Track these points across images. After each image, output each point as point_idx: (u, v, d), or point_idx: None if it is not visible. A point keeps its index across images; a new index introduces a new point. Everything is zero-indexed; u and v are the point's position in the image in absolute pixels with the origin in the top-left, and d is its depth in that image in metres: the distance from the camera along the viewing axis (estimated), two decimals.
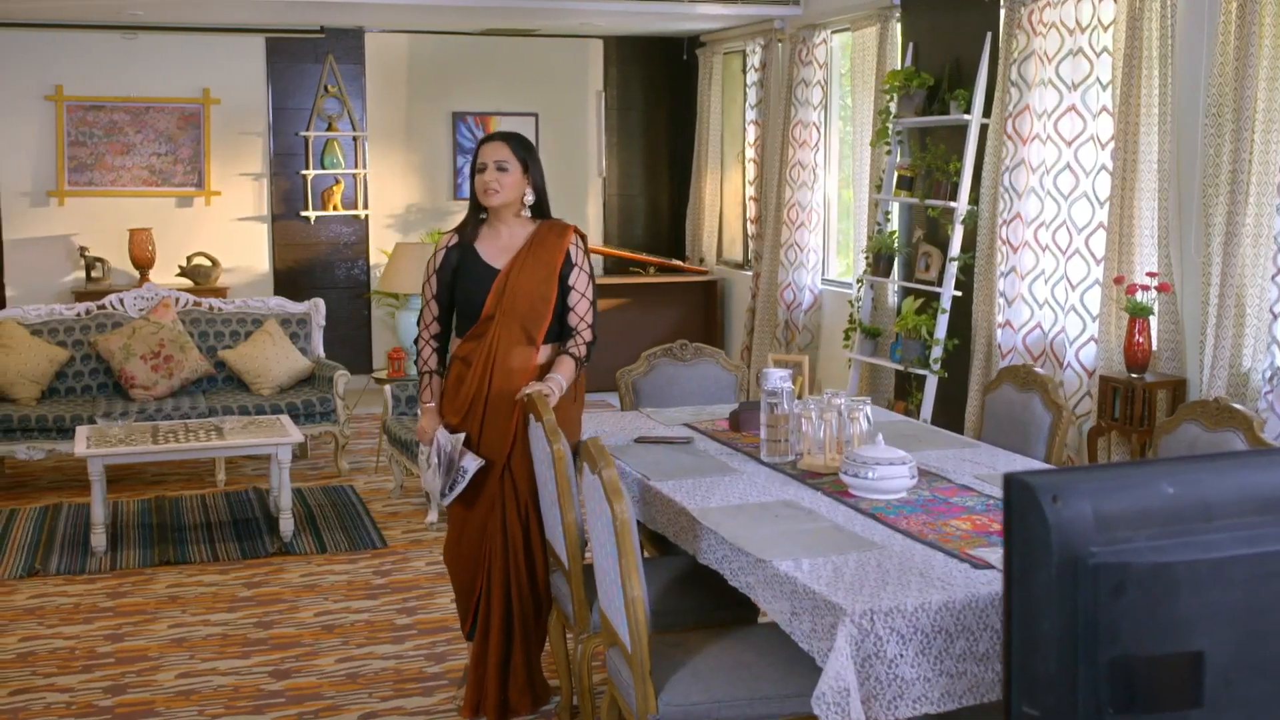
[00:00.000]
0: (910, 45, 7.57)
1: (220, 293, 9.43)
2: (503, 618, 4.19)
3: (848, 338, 7.85)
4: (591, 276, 4.30)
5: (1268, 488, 1.47)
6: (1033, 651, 1.44)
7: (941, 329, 7.05)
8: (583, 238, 4.32)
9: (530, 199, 4.23)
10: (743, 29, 9.57)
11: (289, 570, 5.96)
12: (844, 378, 8.11)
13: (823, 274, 8.94)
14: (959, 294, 7.02)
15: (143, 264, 9.42)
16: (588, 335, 4.25)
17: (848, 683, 2.77)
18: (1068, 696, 1.43)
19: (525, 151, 4.21)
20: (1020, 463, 4.11)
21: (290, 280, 9.92)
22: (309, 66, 9.90)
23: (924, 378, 7.16)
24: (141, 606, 5.49)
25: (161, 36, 9.57)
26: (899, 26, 7.69)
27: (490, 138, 4.21)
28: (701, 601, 3.95)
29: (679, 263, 10.34)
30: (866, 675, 2.79)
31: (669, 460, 4.15)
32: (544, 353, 4.22)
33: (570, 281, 4.23)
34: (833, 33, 8.61)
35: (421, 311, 4.34)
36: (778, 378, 4.08)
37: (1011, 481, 1.42)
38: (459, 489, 4.12)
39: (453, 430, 4.19)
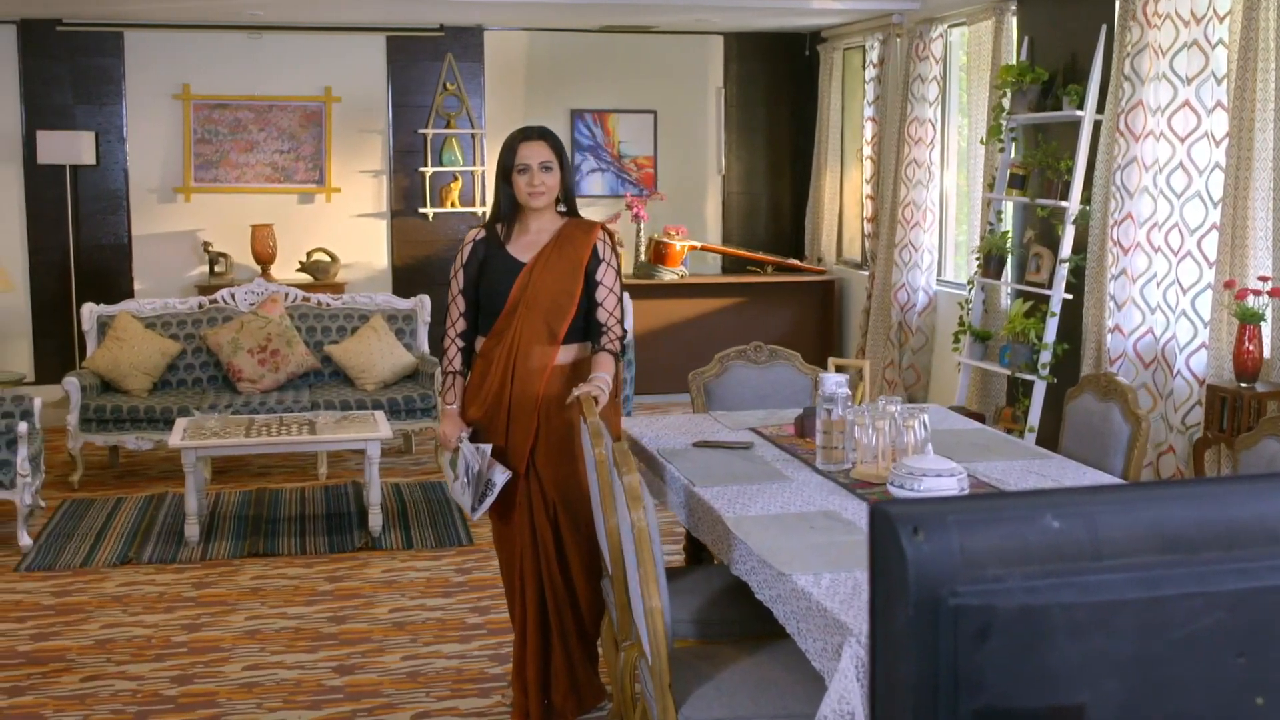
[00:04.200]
0: (1026, 39, 7.31)
1: (339, 288, 9.56)
2: (538, 618, 4.13)
3: (957, 341, 7.62)
4: (619, 273, 4.22)
5: (1170, 524, 1.33)
6: (892, 697, 1.32)
7: (1051, 333, 6.79)
8: (610, 235, 4.24)
9: (559, 194, 4.17)
10: (862, 24, 9.37)
11: (372, 565, 5.99)
12: (955, 382, 7.88)
13: (938, 274, 8.70)
14: (1069, 297, 6.75)
15: (264, 259, 9.59)
16: (618, 330, 4.16)
17: (853, 706, 2.63)
18: None
19: (562, 148, 4.14)
20: (1090, 476, 3.90)
21: (408, 276, 10.01)
22: (429, 64, 9.98)
23: (1031, 383, 6.90)
24: (223, 597, 5.57)
25: (284, 36, 9.74)
26: (1015, 20, 7.43)
27: (526, 136, 4.11)
28: (747, 612, 3.82)
29: (796, 262, 10.18)
30: None
31: (721, 466, 4.03)
32: (564, 351, 4.14)
33: (598, 277, 4.15)
34: (950, 27, 8.37)
35: (448, 309, 4.27)
36: (834, 383, 3.95)
37: (873, 511, 1.30)
38: (488, 502, 4.08)
39: (474, 429, 4.14)
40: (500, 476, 4.06)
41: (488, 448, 4.08)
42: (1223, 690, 1.29)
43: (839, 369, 4.41)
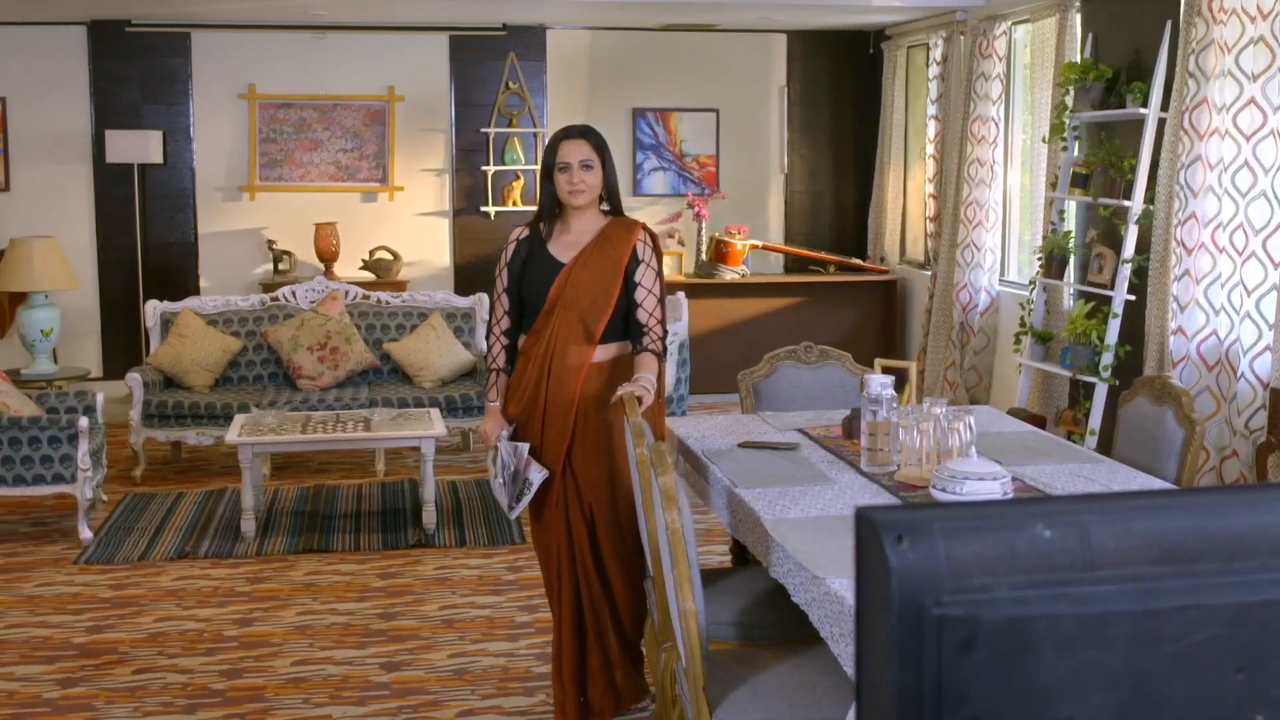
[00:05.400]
0: (1090, 36, 7.20)
1: (401, 286, 9.62)
2: (573, 617, 4.13)
3: (1018, 342, 7.52)
4: (660, 274, 4.20)
5: (1167, 534, 1.29)
6: (876, 708, 1.29)
7: (1112, 335, 6.68)
8: (652, 235, 4.22)
9: (601, 194, 4.16)
10: (926, 21, 9.28)
11: (425, 562, 6.02)
12: (1017, 383, 7.78)
13: (1000, 274, 8.60)
14: (1132, 298, 6.63)
15: (327, 257, 9.67)
16: (659, 331, 4.15)
17: None
18: None
19: (603, 147, 4.13)
20: (1140, 481, 3.83)
21: (470, 275, 10.05)
22: (491, 63, 10.01)
23: (1093, 385, 6.79)
24: (276, 592, 5.62)
25: (349, 36, 9.82)
26: (1079, 17, 7.32)
27: (568, 135, 4.12)
28: (788, 615, 3.79)
29: (859, 262, 10.11)
30: None
31: (765, 467, 4.00)
32: (601, 351, 4.13)
33: (637, 278, 4.14)
34: (1013, 24, 8.26)
35: (492, 307, 4.30)
36: (879, 384, 3.90)
37: (858, 517, 1.27)
38: (525, 501, 4.09)
39: (513, 427, 4.15)
40: (537, 476, 4.06)
41: (524, 446, 4.08)
42: (1220, 706, 1.25)
43: (886, 370, 4.36)
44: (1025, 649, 1.21)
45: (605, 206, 4.21)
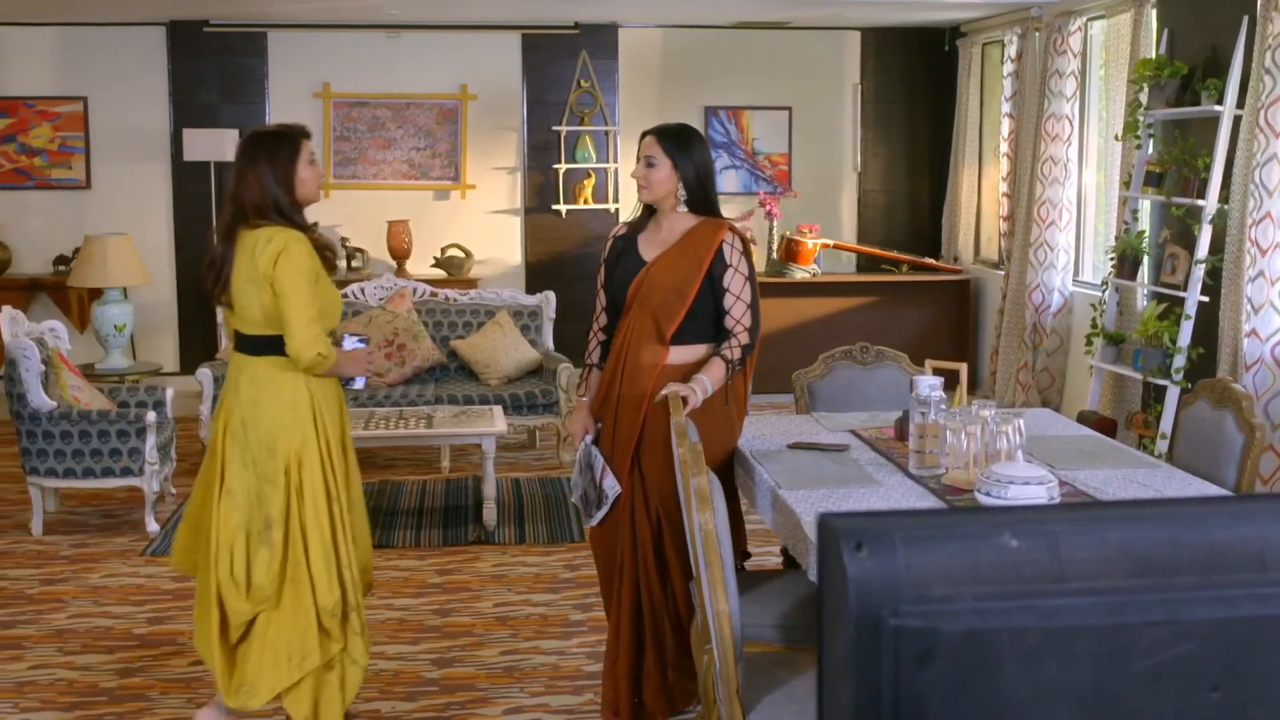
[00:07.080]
0: (1165, 32, 7.05)
1: (472, 284, 9.67)
2: (633, 618, 4.11)
3: (1089, 343, 7.39)
4: (749, 278, 4.14)
5: (1141, 546, 1.25)
6: (834, 718, 1.26)
7: (1185, 336, 6.54)
8: (741, 237, 4.18)
9: (682, 194, 4.13)
10: (1001, 18, 9.16)
11: (484, 559, 6.04)
12: (1088, 386, 7.64)
13: (1074, 275, 8.45)
14: (1205, 299, 6.49)
15: (400, 255, 9.75)
16: (744, 339, 4.11)
17: None
18: None
19: (675, 146, 4.11)
20: (1195, 487, 3.74)
21: (540, 272, 10.08)
22: (564, 62, 10.03)
23: (1164, 388, 6.65)
24: None
25: (422, 35, 9.89)
26: (1154, 13, 7.17)
27: (645, 132, 4.17)
28: None
29: (931, 261, 9.99)
30: None
31: (812, 468, 3.96)
32: (678, 352, 4.11)
33: (725, 283, 4.10)
34: (1088, 20, 8.12)
35: (595, 303, 4.33)
36: (927, 385, 3.85)
37: (820, 524, 1.25)
38: (602, 512, 4.10)
39: (600, 425, 4.18)
40: (611, 490, 4.08)
41: (602, 460, 4.11)
42: None
43: (936, 371, 4.29)
44: (986, 663, 1.17)
45: (683, 207, 4.17)
